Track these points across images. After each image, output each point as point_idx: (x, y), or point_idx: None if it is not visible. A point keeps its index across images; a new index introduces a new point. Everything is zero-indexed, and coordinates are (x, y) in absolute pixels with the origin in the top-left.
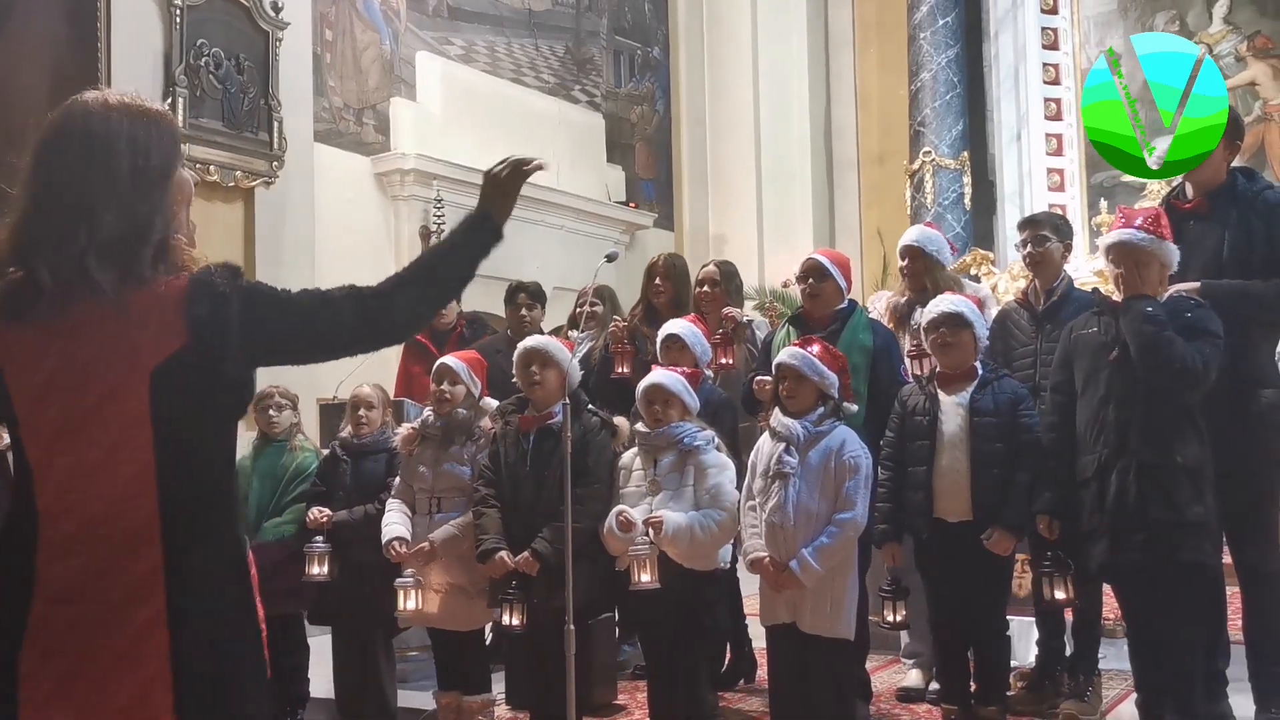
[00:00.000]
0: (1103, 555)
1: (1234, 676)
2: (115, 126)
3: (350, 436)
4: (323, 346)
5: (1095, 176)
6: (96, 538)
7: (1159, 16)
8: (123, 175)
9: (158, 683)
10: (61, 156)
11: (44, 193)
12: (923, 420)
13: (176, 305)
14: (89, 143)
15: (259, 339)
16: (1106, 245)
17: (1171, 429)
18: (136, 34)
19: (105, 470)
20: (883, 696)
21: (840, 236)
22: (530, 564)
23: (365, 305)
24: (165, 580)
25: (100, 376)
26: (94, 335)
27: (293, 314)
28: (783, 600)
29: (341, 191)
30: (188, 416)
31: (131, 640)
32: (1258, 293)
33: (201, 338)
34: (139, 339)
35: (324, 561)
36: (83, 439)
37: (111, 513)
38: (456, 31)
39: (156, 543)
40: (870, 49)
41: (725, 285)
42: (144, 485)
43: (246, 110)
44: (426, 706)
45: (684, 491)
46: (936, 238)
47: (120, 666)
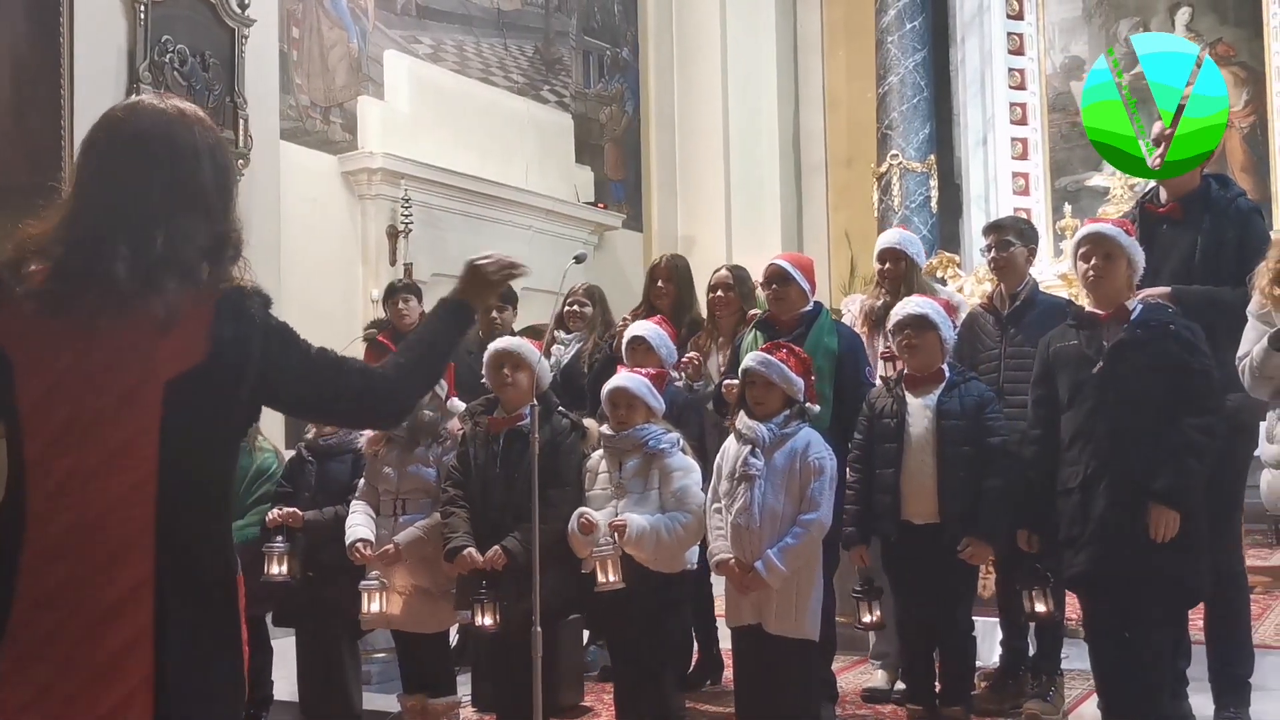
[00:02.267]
0: (1083, 565)
1: (1193, 676)
2: (200, 139)
3: (315, 438)
4: (321, 408)
5: (1059, 181)
6: (89, 543)
7: (1122, 23)
8: (206, 187)
9: (138, 696)
10: (137, 159)
11: (116, 191)
12: (890, 422)
13: (203, 320)
14: (174, 149)
15: (271, 376)
16: (1080, 237)
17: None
18: (100, 29)
19: (105, 475)
20: (848, 697)
21: (808, 239)
22: (499, 559)
23: (374, 384)
24: (154, 591)
25: (115, 381)
26: (112, 339)
27: (309, 366)
28: (748, 601)
29: (308, 190)
30: (195, 431)
31: (115, 652)
32: (1226, 300)
33: (221, 357)
34: (159, 348)
35: (283, 561)
36: (88, 442)
37: (107, 519)
38: (425, 30)
39: (149, 552)
40: (838, 52)
41: (739, 289)
42: (143, 494)
43: (211, 107)
44: (391, 709)
45: (649, 495)
46: (916, 241)
47: (102, 678)
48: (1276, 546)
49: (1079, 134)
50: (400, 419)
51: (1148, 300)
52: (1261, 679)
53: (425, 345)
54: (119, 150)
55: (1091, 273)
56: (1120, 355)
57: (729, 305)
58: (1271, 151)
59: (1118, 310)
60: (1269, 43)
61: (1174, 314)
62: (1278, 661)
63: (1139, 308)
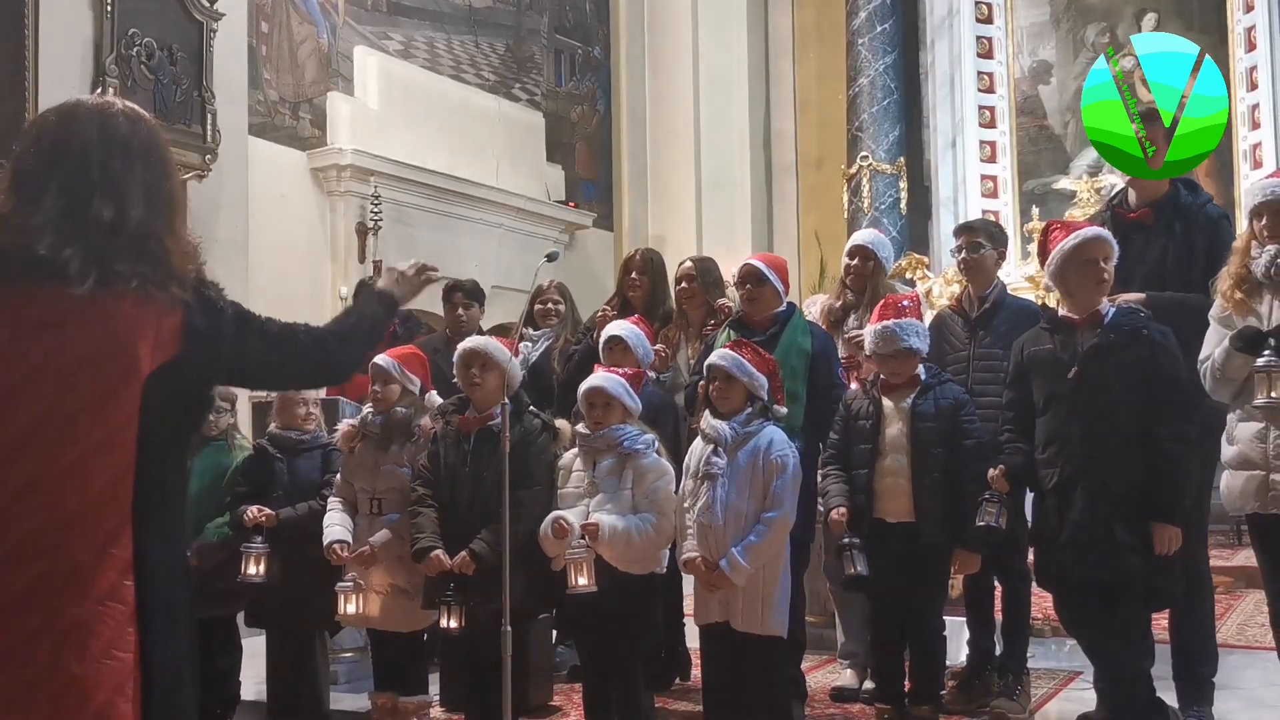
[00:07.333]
0: (1060, 569)
1: (1157, 675)
2: (146, 135)
3: (282, 431)
4: (283, 374)
5: (1028, 184)
6: (63, 545)
7: (1090, 28)
8: (152, 181)
9: (126, 691)
10: (87, 151)
11: (66, 180)
12: (866, 424)
13: (175, 316)
14: (125, 145)
15: (241, 359)
16: (1094, 241)
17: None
18: (66, 22)
19: (80, 474)
20: (817, 696)
21: (778, 239)
22: (467, 565)
23: (326, 343)
24: (135, 581)
25: (91, 381)
26: (83, 335)
27: (268, 339)
28: (716, 599)
29: (276, 186)
30: (169, 423)
31: (99, 651)
32: (1197, 306)
33: (196, 348)
34: (135, 344)
35: (260, 562)
36: (62, 440)
37: (86, 515)
38: (396, 26)
39: (128, 546)
40: (809, 54)
41: (702, 280)
42: (121, 489)
43: (179, 102)
44: (359, 708)
45: (622, 494)
46: (888, 244)
47: (87, 678)
48: (1238, 547)
49: (1046, 137)
50: (349, 374)
51: (1121, 304)
52: (1225, 678)
53: (358, 316)
54: (61, 140)
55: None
56: (1095, 359)
57: (694, 297)
58: (1235, 158)
59: (1092, 314)
60: (1234, 49)
61: (1147, 318)
62: (1240, 661)
63: (1112, 312)
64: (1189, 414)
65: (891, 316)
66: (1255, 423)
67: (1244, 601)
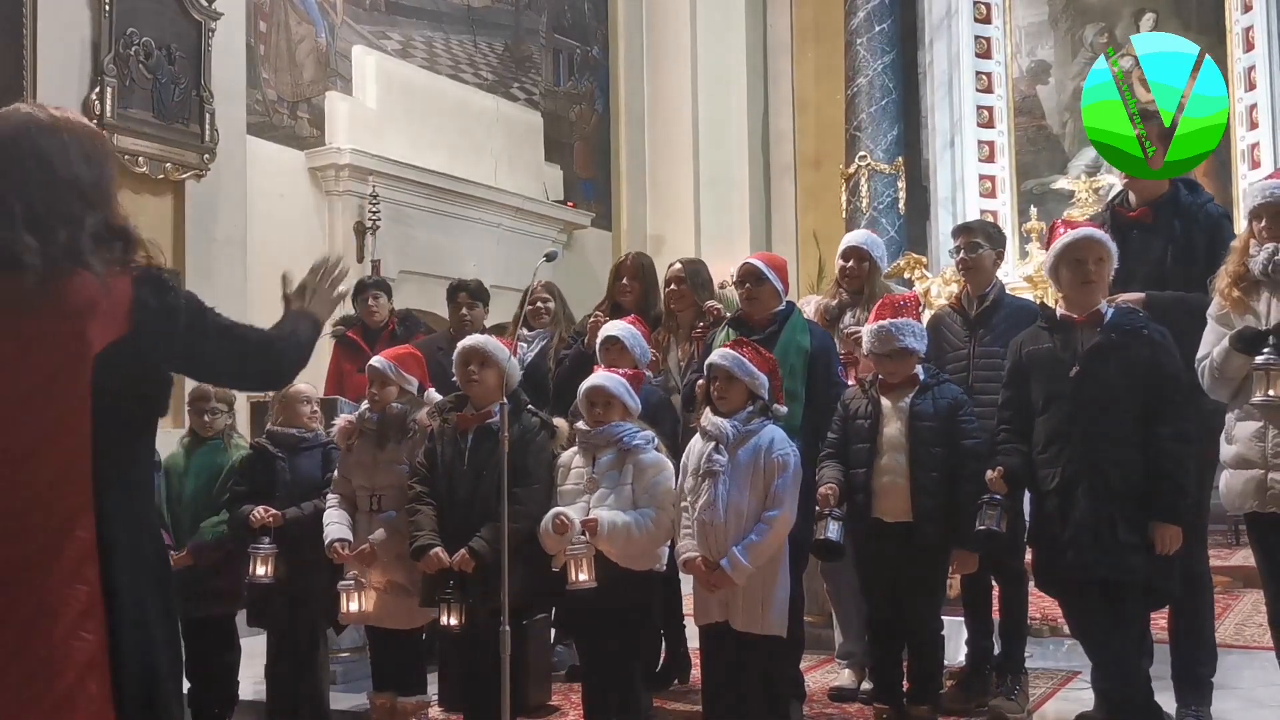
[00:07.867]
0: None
1: (1155, 675)
2: (69, 137)
3: (283, 429)
4: (234, 371)
5: (1026, 184)
6: (24, 528)
7: (1088, 28)
8: (83, 181)
9: (94, 672)
10: (19, 141)
11: (5, 171)
12: (864, 424)
13: (123, 295)
14: (54, 132)
15: (193, 344)
16: (1083, 241)
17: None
18: (64, 22)
19: (37, 457)
20: (815, 696)
21: (776, 239)
22: (466, 563)
23: (273, 346)
24: (99, 560)
25: (40, 361)
26: (33, 318)
27: (222, 331)
28: (716, 599)
29: (275, 186)
30: (123, 404)
31: (67, 629)
32: (1197, 304)
33: (146, 327)
34: (83, 325)
35: (268, 563)
36: (16, 426)
37: (45, 497)
38: (394, 26)
39: (90, 527)
40: (808, 54)
41: (691, 282)
42: (78, 471)
43: (177, 101)
44: (358, 707)
45: (622, 490)
46: (881, 245)
47: (53, 660)
48: (1236, 547)
49: (1045, 137)
50: (288, 377)
51: (1120, 304)
52: (1223, 678)
53: (294, 321)
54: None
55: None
56: (1097, 358)
57: (683, 299)
58: (1234, 157)
59: (1091, 314)
60: (1232, 49)
61: (1146, 318)
62: (1239, 660)
63: (1111, 311)
64: (1190, 413)
65: (889, 316)
66: (1254, 422)
67: (1242, 601)
